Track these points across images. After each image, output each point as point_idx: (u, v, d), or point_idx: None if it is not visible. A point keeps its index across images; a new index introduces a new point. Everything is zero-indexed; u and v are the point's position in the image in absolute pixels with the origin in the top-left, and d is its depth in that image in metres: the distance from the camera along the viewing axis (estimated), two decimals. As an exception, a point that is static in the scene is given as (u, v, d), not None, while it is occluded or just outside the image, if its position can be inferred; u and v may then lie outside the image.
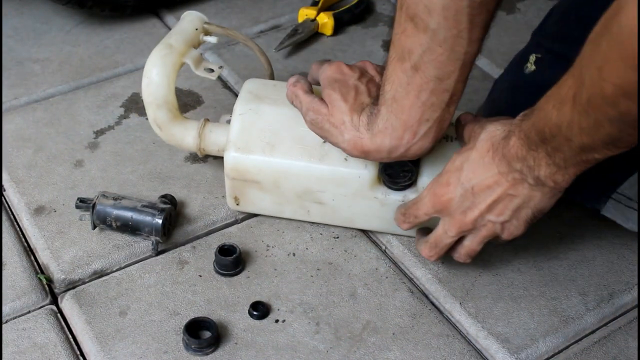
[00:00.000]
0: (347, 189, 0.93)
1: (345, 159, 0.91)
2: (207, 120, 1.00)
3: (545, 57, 0.94)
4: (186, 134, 0.98)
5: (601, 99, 0.62)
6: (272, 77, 1.08)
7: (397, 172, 0.91)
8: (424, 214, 0.85)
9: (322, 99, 0.88)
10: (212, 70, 0.98)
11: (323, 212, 0.96)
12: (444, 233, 0.85)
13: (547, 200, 0.79)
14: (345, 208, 0.95)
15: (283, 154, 0.92)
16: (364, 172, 0.91)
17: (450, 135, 0.91)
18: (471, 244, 0.85)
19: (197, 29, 0.99)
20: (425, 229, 0.91)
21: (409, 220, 0.88)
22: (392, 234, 0.98)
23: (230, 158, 0.94)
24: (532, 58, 0.95)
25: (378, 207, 0.93)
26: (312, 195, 0.94)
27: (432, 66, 0.78)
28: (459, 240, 0.86)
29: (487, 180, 0.79)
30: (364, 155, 0.86)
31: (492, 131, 0.79)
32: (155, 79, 0.94)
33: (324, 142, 0.91)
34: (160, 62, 0.94)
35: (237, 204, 0.98)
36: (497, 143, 0.78)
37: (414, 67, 0.79)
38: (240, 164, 0.94)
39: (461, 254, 0.87)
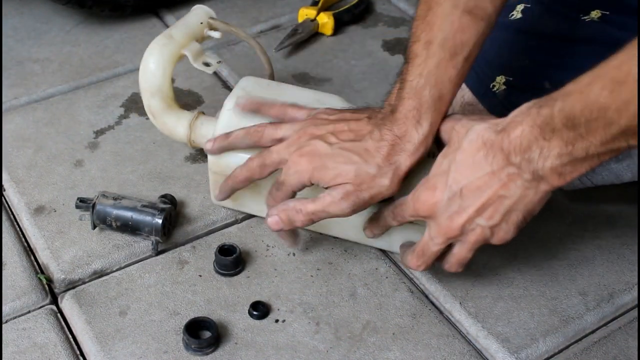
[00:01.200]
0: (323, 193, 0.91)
1: None
2: (201, 113, 1.01)
3: (534, 7, 0.94)
4: (178, 124, 1.00)
5: None
6: (272, 77, 1.08)
7: None
8: (408, 218, 0.82)
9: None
10: (208, 65, 1.00)
11: None
12: (430, 240, 0.81)
13: (537, 200, 0.76)
14: None
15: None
16: None
17: (434, 152, 0.87)
18: (460, 251, 0.81)
19: (201, 23, 1.01)
20: (409, 242, 0.89)
21: (387, 221, 0.85)
22: (366, 245, 0.97)
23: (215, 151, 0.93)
24: (520, 7, 0.95)
25: (354, 216, 0.88)
26: None
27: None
28: (449, 247, 0.83)
29: (477, 181, 0.76)
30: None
31: (481, 130, 0.76)
32: (151, 67, 0.97)
33: None
34: (157, 51, 0.97)
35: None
36: (491, 139, 0.75)
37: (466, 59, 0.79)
38: (222, 159, 0.94)
39: (452, 263, 0.83)
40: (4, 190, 1.04)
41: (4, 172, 1.06)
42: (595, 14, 0.90)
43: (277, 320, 0.88)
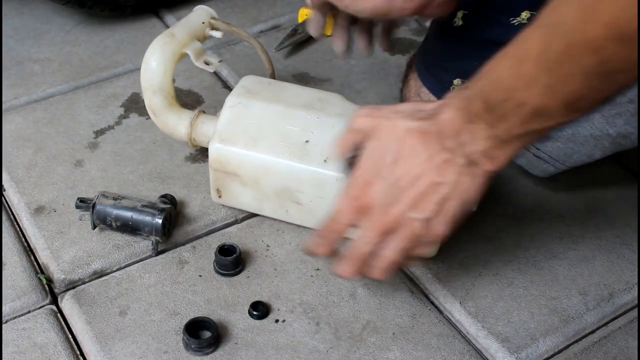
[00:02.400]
0: (324, 191, 0.92)
1: (325, 160, 0.90)
2: (202, 111, 1.01)
3: (471, 14, 0.95)
4: (179, 123, 1.00)
5: (583, 45, 0.58)
6: (273, 77, 1.08)
7: None
8: (345, 225, 0.78)
9: None
10: (209, 64, 1.00)
11: (301, 213, 0.95)
12: (361, 240, 0.77)
13: (473, 188, 0.73)
14: (322, 211, 0.90)
15: (264, 150, 0.92)
16: (342, 176, 0.87)
17: None
18: (390, 253, 0.77)
19: (203, 23, 1.02)
20: None
21: (331, 237, 0.80)
22: None
23: (214, 149, 0.94)
24: (460, 14, 0.96)
25: None
26: (290, 195, 0.94)
27: None
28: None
29: (414, 170, 0.73)
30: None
31: (409, 115, 0.74)
32: (153, 65, 0.97)
33: (307, 142, 0.92)
34: (159, 50, 0.97)
35: (219, 197, 0.99)
36: (422, 124, 0.73)
37: None
38: (223, 156, 0.94)
39: (376, 266, 0.78)
40: (4, 190, 1.04)
41: (4, 172, 1.06)
42: (525, 14, 0.91)
43: (277, 320, 0.88)
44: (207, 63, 1.01)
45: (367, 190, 0.75)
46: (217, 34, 1.03)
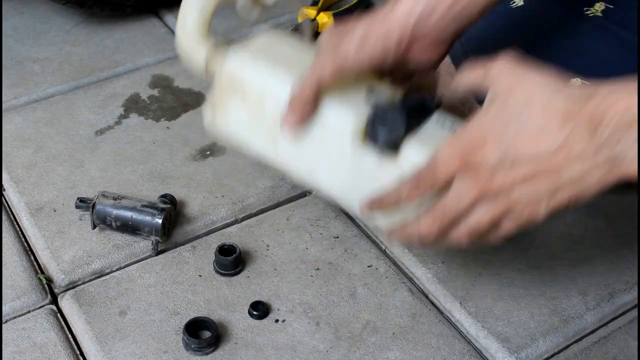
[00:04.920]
0: (325, 133, 0.83)
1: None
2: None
3: None
4: (202, 43, 0.92)
5: None
6: None
7: (384, 129, 0.79)
8: (443, 175, 0.69)
9: None
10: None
11: (290, 150, 0.86)
12: (457, 196, 0.69)
13: (596, 186, 0.65)
14: (314, 151, 0.84)
15: (282, 75, 0.84)
16: (349, 118, 0.81)
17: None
18: (479, 219, 0.70)
19: None
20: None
21: (423, 186, 0.71)
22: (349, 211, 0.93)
23: (233, 57, 0.87)
24: None
25: (348, 159, 0.82)
26: None
27: None
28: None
29: (539, 153, 0.65)
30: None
31: (560, 91, 0.65)
32: None
33: None
34: None
35: (213, 115, 0.90)
36: (576, 104, 0.63)
37: None
38: (238, 66, 0.87)
39: (461, 232, 0.72)
40: (4, 190, 1.05)
41: (4, 172, 1.06)
42: (599, 6, 0.85)
43: (277, 320, 0.88)
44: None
45: (479, 148, 0.67)
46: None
